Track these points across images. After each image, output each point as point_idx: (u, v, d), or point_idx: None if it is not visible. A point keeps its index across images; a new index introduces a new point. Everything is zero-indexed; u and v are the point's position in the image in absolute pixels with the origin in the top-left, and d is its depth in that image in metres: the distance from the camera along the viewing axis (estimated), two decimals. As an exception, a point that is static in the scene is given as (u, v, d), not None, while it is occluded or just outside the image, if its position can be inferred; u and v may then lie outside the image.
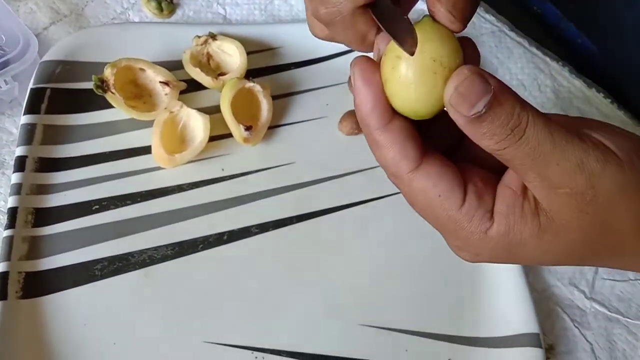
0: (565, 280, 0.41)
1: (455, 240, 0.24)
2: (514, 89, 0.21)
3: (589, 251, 0.23)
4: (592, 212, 0.21)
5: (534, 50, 0.50)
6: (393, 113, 0.23)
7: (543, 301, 0.40)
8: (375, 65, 0.23)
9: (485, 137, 0.21)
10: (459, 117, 0.21)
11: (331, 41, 0.27)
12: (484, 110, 0.20)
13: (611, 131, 0.22)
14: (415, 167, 0.22)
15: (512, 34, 0.50)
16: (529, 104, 0.21)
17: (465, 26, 0.23)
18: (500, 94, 0.20)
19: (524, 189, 0.22)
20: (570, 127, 0.21)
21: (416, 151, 0.22)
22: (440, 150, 0.24)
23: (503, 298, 0.38)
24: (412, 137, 0.23)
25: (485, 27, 0.51)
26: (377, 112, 0.22)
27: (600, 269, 0.42)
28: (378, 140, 0.23)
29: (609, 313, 0.40)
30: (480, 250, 0.23)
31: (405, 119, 0.23)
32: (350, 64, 0.23)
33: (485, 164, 0.24)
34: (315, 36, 0.28)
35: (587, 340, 0.39)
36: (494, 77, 0.21)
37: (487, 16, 0.51)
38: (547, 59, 0.50)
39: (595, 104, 0.48)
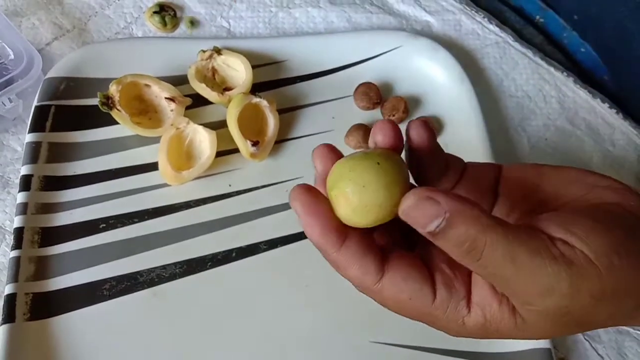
0: (575, 293, 0.41)
1: (435, 327, 0.24)
2: (519, 101, 0.21)
3: (569, 332, 0.24)
4: (566, 320, 0.21)
5: (539, 60, 0.50)
6: (344, 232, 0.23)
7: (553, 314, 0.40)
8: (316, 193, 0.23)
9: (444, 249, 0.21)
10: (414, 227, 0.21)
11: None
12: (437, 231, 0.20)
13: (589, 230, 0.21)
14: (379, 279, 0.23)
15: (517, 45, 0.50)
16: (489, 224, 0.20)
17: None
18: (454, 217, 0.20)
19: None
20: (539, 231, 0.21)
21: (376, 264, 0.23)
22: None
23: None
24: (369, 250, 0.23)
25: (489, 38, 0.51)
26: (327, 237, 0.23)
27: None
28: (336, 262, 0.23)
29: (620, 326, 0.40)
30: (459, 333, 0.24)
31: (359, 232, 0.23)
32: (289, 195, 0.23)
33: None
34: None
35: (599, 354, 0.39)
36: (450, 196, 0.21)
37: (491, 27, 0.51)
38: (552, 69, 0.50)
39: (601, 114, 0.48)
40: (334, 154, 0.25)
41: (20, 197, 0.39)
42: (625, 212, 0.22)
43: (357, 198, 0.22)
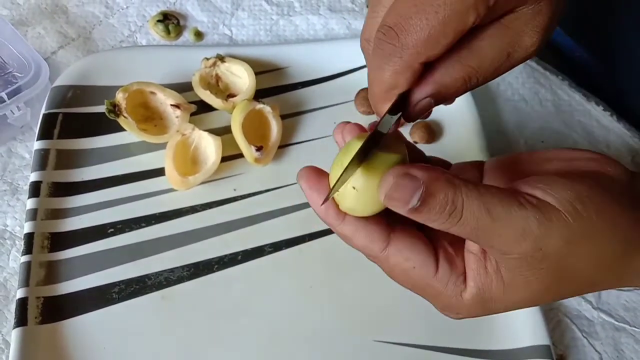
0: (572, 291, 0.42)
1: (437, 303, 0.26)
2: (515, 104, 0.23)
3: (557, 294, 0.25)
4: (546, 267, 0.23)
5: (534, 64, 0.51)
6: None
7: (552, 312, 0.41)
8: (320, 171, 0.25)
9: (428, 222, 0.23)
10: (399, 210, 0.23)
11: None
12: (419, 204, 0.22)
13: (552, 182, 0.23)
14: (385, 246, 0.25)
15: (512, 50, 0.52)
16: (462, 183, 0.22)
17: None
18: (431, 186, 0.22)
19: (484, 251, 0.24)
20: (510, 189, 0.23)
21: (381, 232, 0.25)
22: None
23: (514, 312, 0.39)
24: (373, 220, 0.25)
25: (486, 43, 0.52)
26: (331, 212, 0.25)
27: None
28: (343, 233, 0.25)
29: (616, 323, 0.41)
30: (459, 309, 0.25)
31: None
32: (297, 176, 0.26)
33: None
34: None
35: (596, 350, 0.40)
36: (423, 168, 0.22)
37: (487, 32, 0.52)
38: (547, 73, 0.51)
39: (595, 117, 0.49)
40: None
41: (30, 203, 0.40)
42: (600, 175, 0.24)
43: (350, 199, 0.24)
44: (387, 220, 0.26)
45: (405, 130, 0.46)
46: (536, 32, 0.24)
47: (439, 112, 0.47)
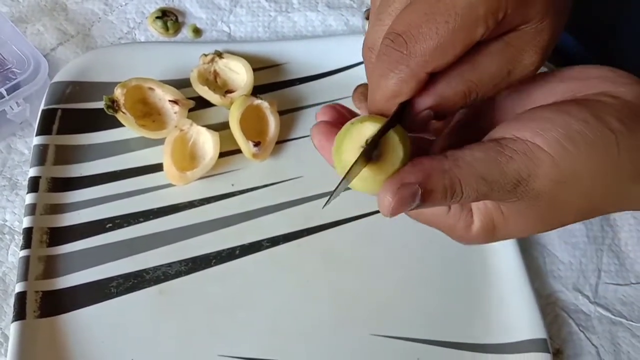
0: (569, 286, 0.42)
1: (451, 235, 0.27)
2: None
3: (553, 222, 0.25)
4: (538, 204, 0.24)
5: (532, 61, 0.51)
6: None
7: (549, 307, 0.41)
8: (331, 129, 0.25)
9: (432, 212, 0.26)
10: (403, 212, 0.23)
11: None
12: (420, 202, 0.22)
13: (544, 121, 0.23)
14: None
15: (510, 46, 0.52)
16: (453, 164, 0.22)
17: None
18: (427, 184, 0.22)
19: None
20: (497, 141, 0.23)
21: None
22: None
23: (510, 305, 0.39)
24: None
25: (483, 40, 0.52)
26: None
27: (603, 274, 0.43)
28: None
29: (613, 317, 0.41)
30: (470, 239, 0.27)
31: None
32: (310, 130, 0.26)
33: None
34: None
35: (593, 344, 0.40)
36: (416, 167, 0.22)
37: (485, 28, 0.52)
38: (543, 68, 0.51)
39: (593, 113, 0.50)
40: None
41: (29, 198, 0.40)
42: (608, 96, 0.24)
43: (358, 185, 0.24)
44: None
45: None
46: (537, 52, 0.24)
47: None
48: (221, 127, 0.44)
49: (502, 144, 0.23)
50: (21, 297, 0.37)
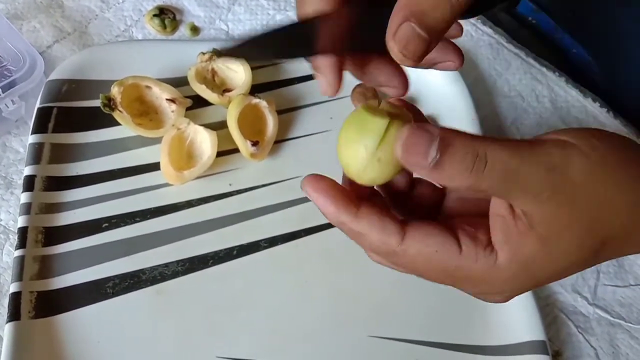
0: (568, 287, 0.42)
1: (474, 287, 0.24)
2: (512, 100, 0.23)
3: (595, 239, 0.23)
4: (579, 200, 0.22)
5: (531, 61, 0.51)
6: (357, 200, 0.24)
7: (548, 308, 0.41)
8: (323, 177, 0.24)
9: (455, 179, 0.21)
10: (421, 169, 0.22)
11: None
12: (439, 155, 0.21)
13: (564, 130, 0.23)
14: (402, 238, 0.23)
15: (510, 46, 0.52)
16: (479, 136, 0.22)
17: (416, 63, 0.23)
18: (447, 137, 0.21)
19: (511, 209, 0.23)
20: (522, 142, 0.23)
21: (395, 224, 0.23)
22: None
23: (509, 306, 0.39)
24: (386, 212, 0.24)
25: (482, 40, 0.52)
26: (342, 208, 0.23)
27: (602, 276, 0.43)
28: (357, 231, 0.24)
29: (612, 318, 0.41)
30: (500, 284, 0.23)
31: (372, 199, 0.24)
32: (301, 185, 0.24)
33: (467, 214, 0.25)
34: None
35: (592, 346, 0.40)
36: (437, 126, 0.22)
37: (485, 28, 0.52)
38: (544, 69, 0.51)
39: (592, 113, 0.49)
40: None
41: (24, 197, 0.39)
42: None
43: (373, 170, 0.23)
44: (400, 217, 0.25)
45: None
46: None
47: (435, 108, 0.47)
48: (219, 126, 0.44)
49: (534, 140, 0.22)
50: (16, 298, 0.36)
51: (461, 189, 0.22)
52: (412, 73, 0.47)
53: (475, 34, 0.52)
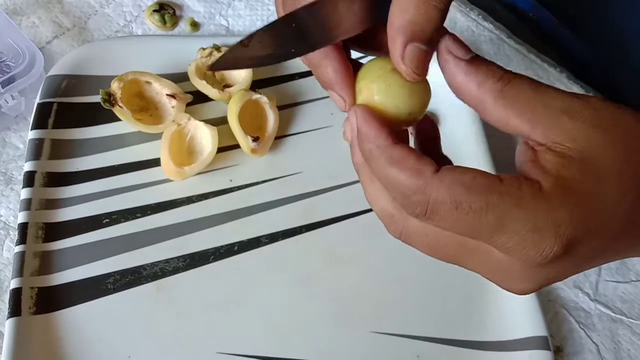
0: (569, 283, 0.42)
1: (509, 236, 0.20)
2: None
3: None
4: (582, 156, 0.20)
5: (532, 57, 0.51)
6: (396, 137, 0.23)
7: (549, 304, 0.41)
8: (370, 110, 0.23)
9: (487, 80, 0.21)
10: (456, 65, 0.22)
11: None
12: (470, 56, 0.22)
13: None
14: (436, 169, 0.21)
15: (511, 41, 0.51)
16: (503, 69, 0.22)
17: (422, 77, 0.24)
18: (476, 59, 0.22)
19: (543, 143, 0.21)
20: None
21: (427, 158, 0.21)
22: None
23: (511, 302, 0.39)
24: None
25: (483, 35, 0.52)
26: (384, 133, 0.22)
27: (603, 271, 0.43)
28: (394, 156, 0.22)
29: (613, 314, 0.41)
30: (551, 215, 0.20)
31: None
32: (344, 123, 0.24)
33: None
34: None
35: (593, 342, 0.40)
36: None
37: (486, 24, 0.52)
38: (545, 65, 0.51)
39: (593, 109, 0.49)
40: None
41: (24, 193, 0.39)
42: None
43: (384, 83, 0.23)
44: None
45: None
46: None
47: (436, 104, 0.47)
48: (219, 122, 0.43)
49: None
50: (16, 294, 0.36)
51: (486, 101, 0.22)
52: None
53: (476, 29, 0.52)
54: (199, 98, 0.45)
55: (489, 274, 0.23)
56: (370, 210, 0.42)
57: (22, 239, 0.38)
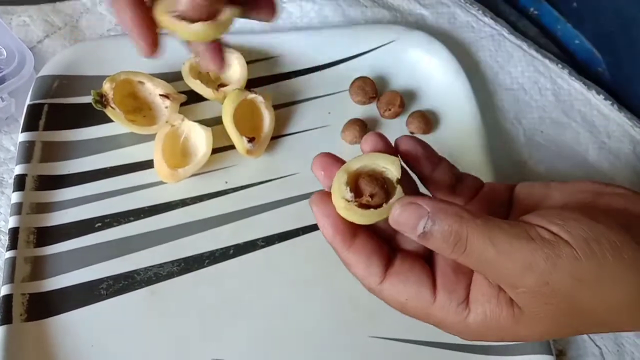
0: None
1: (442, 329, 0.26)
2: (514, 93, 0.23)
3: (569, 330, 0.25)
4: (555, 302, 0.23)
5: (533, 53, 0.50)
6: (354, 234, 0.26)
7: (551, 306, 0.40)
8: (330, 199, 0.26)
9: (437, 250, 0.24)
10: (409, 236, 0.24)
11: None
12: (425, 230, 0.23)
13: (570, 219, 0.23)
14: (381, 280, 0.26)
15: (511, 37, 0.50)
16: (470, 216, 0.23)
17: None
18: (437, 215, 0.23)
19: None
20: (522, 222, 0.23)
21: (380, 267, 0.26)
22: None
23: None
24: (375, 252, 0.26)
25: (484, 31, 0.51)
26: (338, 238, 0.26)
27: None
28: (346, 260, 0.26)
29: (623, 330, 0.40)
30: (466, 334, 0.25)
31: (369, 232, 0.26)
32: (309, 202, 0.27)
33: None
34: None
35: (596, 345, 0.39)
36: (432, 199, 0.24)
37: (486, 19, 0.51)
38: (547, 61, 0.50)
39: (596, 106, 0.48)
40: (335, 164, 0.27)
41: (15, 197, 0.38)
42: (628, 214, 0.24)
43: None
44: (390, 247, 0.27)
45: (402, 120, 0.45)
46: None
47: (435, 101, 0.46)
48: (214, 123, 0.43)
49: (530, 224, 0.23)
50: (7, 300, 0.35)
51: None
52: (414, 67, 0.47)
53: (476, 25, 0.51)
54: (193, 98, 0.44)
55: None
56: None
57: (13, 244, 0.37)
